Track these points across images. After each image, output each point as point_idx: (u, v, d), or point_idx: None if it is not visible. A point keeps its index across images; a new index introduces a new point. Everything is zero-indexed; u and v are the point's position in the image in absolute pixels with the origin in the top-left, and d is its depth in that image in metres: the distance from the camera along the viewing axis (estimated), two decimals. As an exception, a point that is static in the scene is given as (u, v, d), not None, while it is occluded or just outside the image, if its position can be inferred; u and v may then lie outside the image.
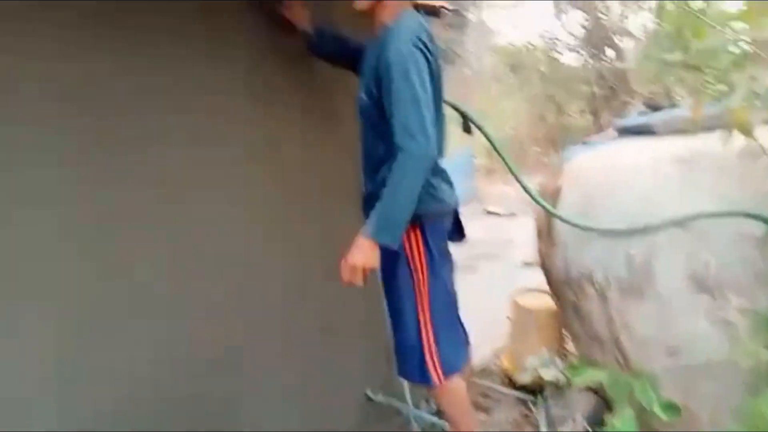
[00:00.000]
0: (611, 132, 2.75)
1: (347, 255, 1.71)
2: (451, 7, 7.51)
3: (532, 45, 11.75)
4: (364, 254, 1.68)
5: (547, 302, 2.78)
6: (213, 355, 1.88)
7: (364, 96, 1.81)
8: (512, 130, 12.74)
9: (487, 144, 2.32)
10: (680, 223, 1.91)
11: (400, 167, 1.64)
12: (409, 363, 1.91)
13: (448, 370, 1.90)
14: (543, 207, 2.28)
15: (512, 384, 2.85)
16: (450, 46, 21.85)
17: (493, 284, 3.76)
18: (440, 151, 1.87)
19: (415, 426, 2.35)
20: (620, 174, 2.20)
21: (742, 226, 1.82)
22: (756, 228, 1.79)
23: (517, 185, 2.26)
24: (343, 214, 2.13)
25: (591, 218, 2.17)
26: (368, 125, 1.84)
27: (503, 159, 2.27)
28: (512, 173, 2.25)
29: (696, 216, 1.88)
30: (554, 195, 2.44)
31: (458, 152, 9.38)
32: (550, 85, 11.68)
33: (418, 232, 1.81)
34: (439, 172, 1.87)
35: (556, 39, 11.97)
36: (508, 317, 3.03)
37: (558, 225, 2.34)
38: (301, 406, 2.23)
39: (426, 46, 1.70)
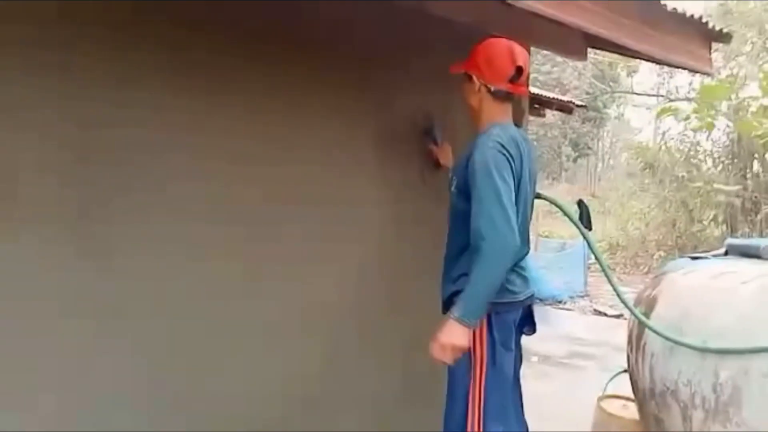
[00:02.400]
0: (721, 250, 2.70)
1: (438, 335, 1.87)
2: (579, 103, 7.62)
3: (666, 146, 11.33)
4: (454, 334, 1.83)
5: (632, 412, 2.71)
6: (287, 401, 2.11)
7: (453, 189, 2.04)
8: (636, 230, 12.22)
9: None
10: (773, 352, 1.86)
11: (486, 255, 1.81)
12: None
13: None
14: (633, 313, 2.31)
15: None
16: (584, 140, 21.64)
17: (585, 385, 3.66)
18: (523, 246, 2.02)
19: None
20: (720, 293, 2.18)
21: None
22: None
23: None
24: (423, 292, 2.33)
25: (683, 333, 2.15)
26: (454, 218, 2.05)
27: (598, 259, 2.35)
28: (606, 275, 2.31)
29: (791, 348, 1.83)
30: (650, 304, 2.44)
31: (575, 245, 9.22)
32: (684, 191, 11.15)
33: (484, 321, 1.95)
34: (515, 267, 2.01)
35: (698, 145, 11.50)
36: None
37: (648, 334, 2.33)
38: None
39: (509, 152, 1.91)
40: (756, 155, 9.75)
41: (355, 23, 2.27)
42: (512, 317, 2.03)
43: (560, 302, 8.11)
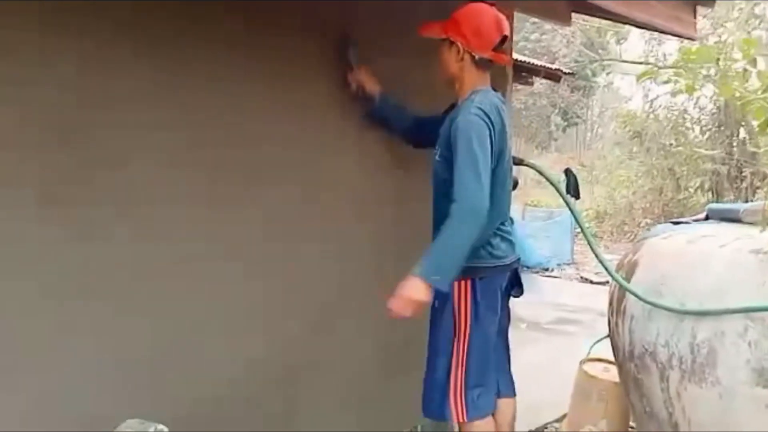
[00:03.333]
0: (702, 215, 2.73)
1: (399, 289, 1.89)
2: (567, 71, 7.59)
3: (654, 114, 11.35)
4: (413, 289, 1.86)
5: (613, 374, 2.77)
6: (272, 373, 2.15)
7: (437, 158, 2.05)
8: (624, 198, 12.30)
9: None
10: (748, 312, 1.90)
11: (455, 216, 1.84)
12: (434, 400, 2.07)
13: (473, 413, 2.02)
14: (614, 278, 2.34)
15: (569, 451, 2.84)
16: (573, 109, 21.58)
17: (571, 350, 3.73)
18: (503, 210, 2.05)
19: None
20: (697, 257, 2.21)
21: (814, 325, 1.78)
22: (827, 330, 1.75)
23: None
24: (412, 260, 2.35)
25: (662, 296, 2.19)
26: (439, 185, 2.06)
27: (580, 225, 2.37)
28: (588, 241, 2.34)
29: (765, 308, 1.87)
30: (630, 269, 2.47)
31: (562, 214, 9.28)
32: (671, 158, 11.21)
33: (468, 286, 1.98)
34: (499, 232, 2.03)
35: (686, 113, 11.52)
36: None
37: (628, 298, 2.37)
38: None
39: (490, 119, 1.92)
40: (743, 123, 9.80)
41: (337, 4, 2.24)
42: (498, 281, 2.06)
43: (547, 270, 8.20)
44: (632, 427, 2.82)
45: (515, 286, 2.18)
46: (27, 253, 1.61)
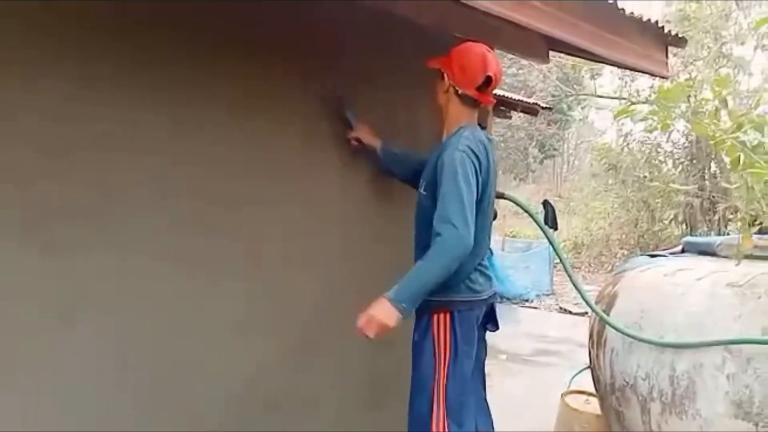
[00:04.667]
0: (678, 247, 2.79)
1: (369, 307, 1.88)
2: (544, 105, 7.77)
3: (628, 148, 11.64)
4: (382, 311, 1.85)
5: (595, 407, 2.77)
6: (245, 410, 2.12)
7: (422, 191, 2.07)
8: (600, 230, 12.49)
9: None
10: (727, 345, 1.93)
11: (437, 248, 1.85)
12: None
13: None
14: (595, 312, 2.37)
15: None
16: (550, 141, 22.02)
17: (552, 382, 3.73)
18: (485, 248, 2.08)
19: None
20: (675, 289, 2.25)
21: (789, 358, 1.82)
22: (802, 362, 1.79)
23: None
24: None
25: (642, 329, 2.22)
26: (423, 219, 2.07)
27: (559, 256, 2.40)
28: (567, 272, 2.37)
29: (743, 341, 1.90)
30: (610, 301, 2.50)
31: (541, 245, 9.37)
32: (646, 191, 11.44)
33: (447, 318, 1.99)
34: (478, 266, 2.05)
35: (659, 147, 11.81)
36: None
37: (608, 331, 2.39)
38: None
39: (477, 156, 1.95)
40: (714, 157, 10.07)
41: (318, 23, 2.27)
42: (475, 315, 2.07)
43: (527, 301, 8.23)
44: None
45: (490, 321, 2.19)
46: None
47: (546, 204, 2.52)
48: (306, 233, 2.30)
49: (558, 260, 9.78)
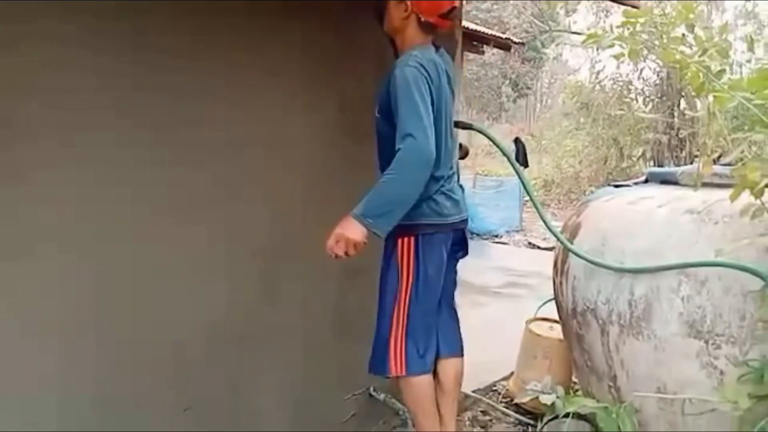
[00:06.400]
0: (642, 178, 2.83)
1: (336, 227, 1.89)
2: (517, 40, 7.65)
3: (600, 86, 11.66)
4: (349, 228, 1.85)
5: (559, 332, 2.87)
6: (216, 344, 2.13)
7: (377, 114, 2.06)
8: (570, 168, 12.66)
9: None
10: (682, 269, 2.00)
11: (397, 160, 1.84)
12: (377, 356, 2.10)
13: (412, 368, 2.06)
14: (559, 240, 2.41)
15: (516, 407, 2.95)
16: (523, 80, 21.87)
17: (519, 313, 3.85)
18: (445, 167, 2.06)
19: (410, 427, 2.50)
20: (636, 217, 2.30)
21: (740, 279, 1.89)
22: (752, 282, 1.86)
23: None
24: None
25: (603, 256, 2.27)
26: (382, 141, 2.06)
27: (528, 192, 2.42)
28: (533, 203, 2.39)
29: (697, 264, 1.96)
30: (574, 231, 2.55)
31: (511, 183, 9.47)
32: (616, 128, 11.56)
33: (412, 243, 2.00)
34: (443, 189, 2.05)
35: (630, 84, 11.85)
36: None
37: (571, 259, 2.45)
38: (304, 400, 2.43)
39: (428, 72, 1.93)
40: (683, 93, 10.16)
41: None
42: (441, 239, 2.08)
43: (497, 237, 8.39)
44: (575, 383, 2.95)
45: (461, 248, 2.21)
46: None
47: (517, 141, 2.52)
48: (266, 174, 2.27)
49: (528, 197, 9.88)
